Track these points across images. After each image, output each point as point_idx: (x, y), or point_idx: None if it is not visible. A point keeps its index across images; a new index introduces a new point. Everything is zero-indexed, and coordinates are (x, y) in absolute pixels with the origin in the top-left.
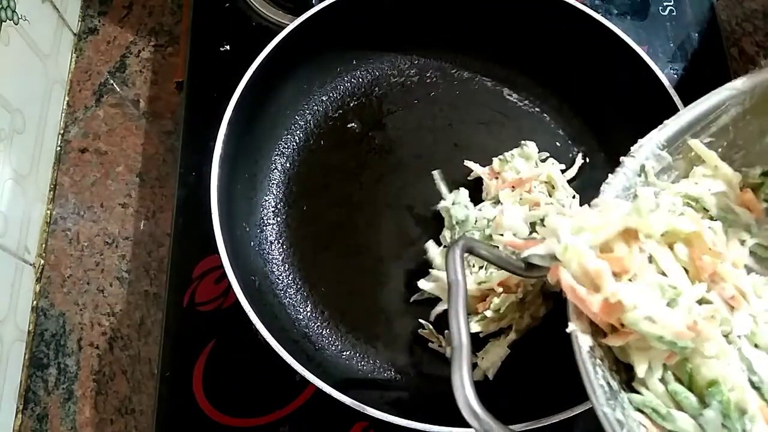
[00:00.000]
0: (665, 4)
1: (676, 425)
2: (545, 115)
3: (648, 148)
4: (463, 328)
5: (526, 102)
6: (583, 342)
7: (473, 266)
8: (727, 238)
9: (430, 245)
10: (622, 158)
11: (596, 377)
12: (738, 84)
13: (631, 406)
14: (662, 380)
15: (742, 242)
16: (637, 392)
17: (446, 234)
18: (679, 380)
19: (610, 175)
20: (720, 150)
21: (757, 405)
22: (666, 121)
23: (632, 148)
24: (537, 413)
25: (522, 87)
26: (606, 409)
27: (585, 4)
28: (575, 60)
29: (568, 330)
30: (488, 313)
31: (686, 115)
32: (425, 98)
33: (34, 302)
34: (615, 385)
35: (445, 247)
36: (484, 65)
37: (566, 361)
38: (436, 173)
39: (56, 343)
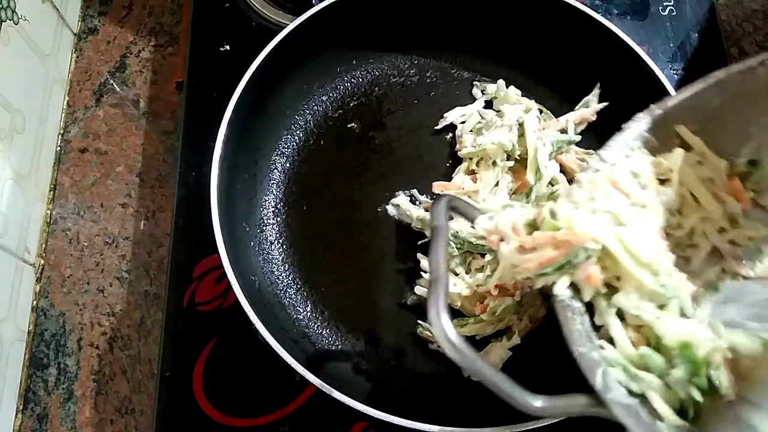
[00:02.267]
0: (665, 4)
1: (643, 385)
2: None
3: (636, 130)
4: (441, 263)
5: None
6: (561, 290)
7: (470, 269)
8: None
9: (420, 256)
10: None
11: (572, 321)
12: (720, 74)
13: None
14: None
15: (721, 230)
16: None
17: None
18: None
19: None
20: (706, 138)
21: (722, 355)
22: (652, 106)
23: (615, 138)
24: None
25: (522, 87)
26: (582, 348)
27: (585, 4)
28: (575, 60)
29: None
30: (484, 316)
31: (672, 101)
32: (425, 98)
33: (34, 302)
34: (594, 337)
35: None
36: (484, 65)
37: (566, 362)
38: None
39: (56, 343)
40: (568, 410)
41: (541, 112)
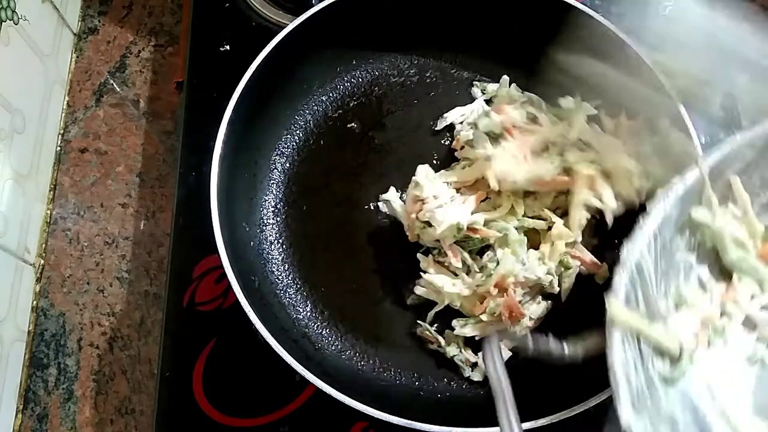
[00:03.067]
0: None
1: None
2: None
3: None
4: (515, 426)
5: None
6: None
7: (470, 269)
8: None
9: (420, 256)
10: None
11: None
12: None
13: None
14: None
15: (752, 297)
16: None
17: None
18: None
19: None
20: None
21: None
22: (700, 160)
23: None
24: (536, 413)
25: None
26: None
27: (585, 4)
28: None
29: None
30: (484, 317)
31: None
32: (425, 98)
33: (34, 302)
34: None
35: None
36: (484, 65)
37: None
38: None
39: (56, 343)
40: None
41: None
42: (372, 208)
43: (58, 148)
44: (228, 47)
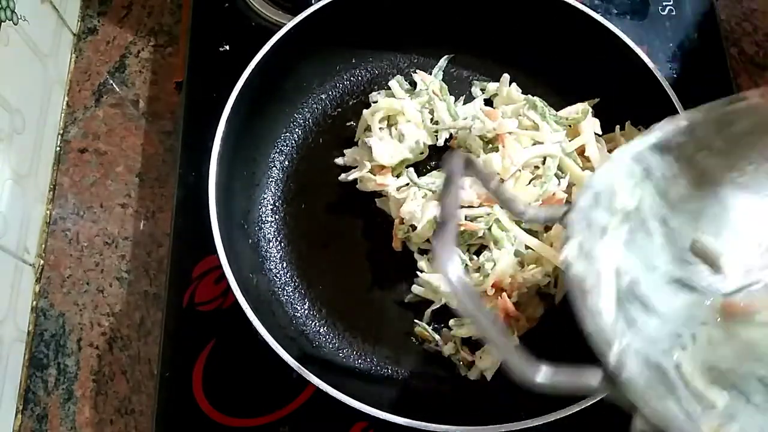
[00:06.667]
0: (665, 4)
1: None
2: None
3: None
4: (452, 205)
5: None
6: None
7: (468, 270)
8: None
9: (417, 255)
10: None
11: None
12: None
13: None
14: None
15: None
16: None
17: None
18: None
19: None
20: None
21: None
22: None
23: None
24: (533, 412)
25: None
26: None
27: (584, 4)
28: (574, 60)
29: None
30: None
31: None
32: None
33: (34, 302)
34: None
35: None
36: (483, 64)
37: (562, 361)
38: None
39: (56, 344)
40: (575, 390)
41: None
42: (369, 206)
43: (58, 149)
44: (227, 47)
